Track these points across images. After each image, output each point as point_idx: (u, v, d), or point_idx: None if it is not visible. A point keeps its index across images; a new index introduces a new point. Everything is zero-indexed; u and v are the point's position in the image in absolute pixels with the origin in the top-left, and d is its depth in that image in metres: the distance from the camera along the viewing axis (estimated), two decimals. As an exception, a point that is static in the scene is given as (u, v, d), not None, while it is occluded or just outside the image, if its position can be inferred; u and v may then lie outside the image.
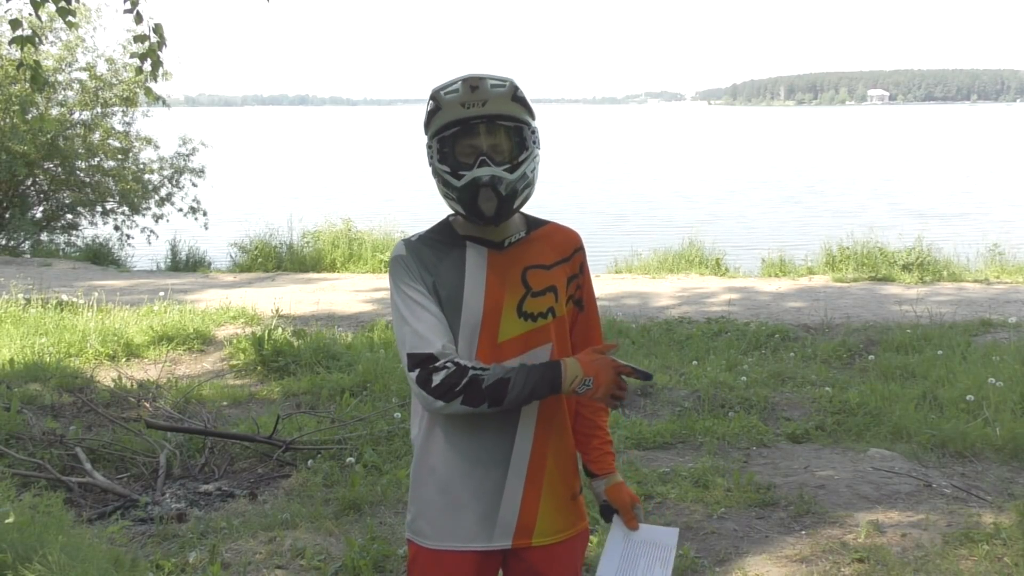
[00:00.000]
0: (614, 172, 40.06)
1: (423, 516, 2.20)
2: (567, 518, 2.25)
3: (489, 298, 2.14)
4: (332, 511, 4.62)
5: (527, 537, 2.20)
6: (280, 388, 6.92)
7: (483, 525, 2.17)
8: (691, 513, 4.52)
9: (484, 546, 2.18)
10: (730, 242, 15.93)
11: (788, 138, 78.31)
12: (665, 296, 10.78)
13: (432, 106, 2.12)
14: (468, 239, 2.19)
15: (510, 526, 2.19)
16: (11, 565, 3.51)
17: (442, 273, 2.14)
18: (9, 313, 8.72)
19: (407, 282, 2.13)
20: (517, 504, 2.18)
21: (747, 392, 6.48)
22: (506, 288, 2.16)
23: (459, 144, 2.12)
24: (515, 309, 2.16)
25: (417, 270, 2.14)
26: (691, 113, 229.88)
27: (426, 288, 2.12)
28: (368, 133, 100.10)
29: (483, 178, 2.08)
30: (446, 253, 2.17)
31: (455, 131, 2.11)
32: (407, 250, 2.17)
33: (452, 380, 2.03)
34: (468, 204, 2.11)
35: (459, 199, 2.12)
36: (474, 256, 2.17)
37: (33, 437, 5.58)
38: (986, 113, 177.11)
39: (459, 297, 2.13)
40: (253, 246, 14.60)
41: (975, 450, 5.37)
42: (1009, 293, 10.47)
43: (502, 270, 2.17)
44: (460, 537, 2.17)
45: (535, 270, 2.20)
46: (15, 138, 16.43)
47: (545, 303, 2.19)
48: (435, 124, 2.14)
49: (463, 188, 2.10)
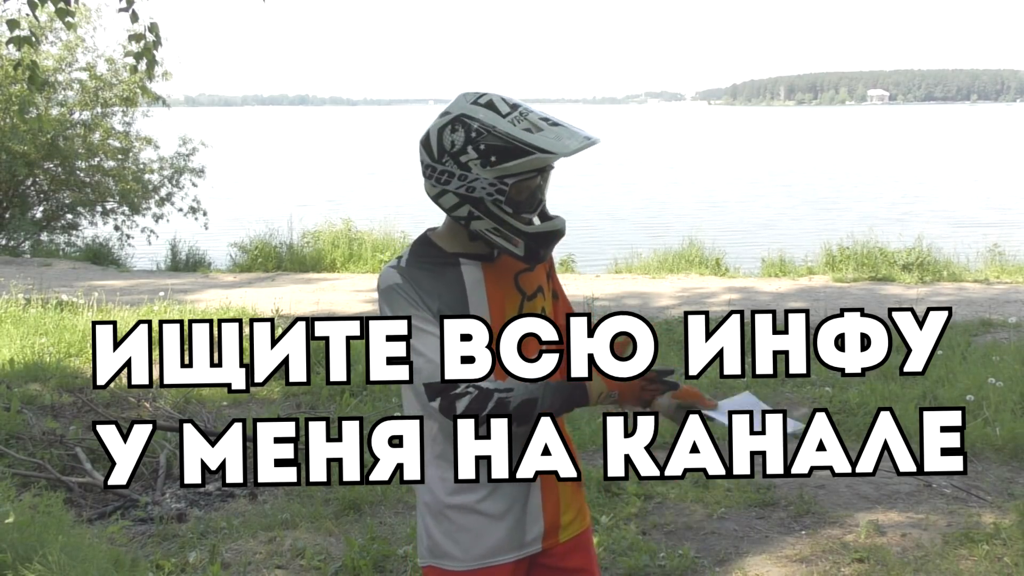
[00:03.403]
0: (614, 172, 40.07)
1: (450, 539, 2.15)
2: (580, 508, 2.29)
3: (494, 311, 2.13)
4: (332, 511, 4.62)
5: (555, 537, 2.21)
6: (280, 388, 6.92)
7: (513, 535, 2.16)
8: (691, 513, 4.52)
9: (517, 555, 2.17)
10: (730, 242, 15.93)
11: (788, 138, 78.30)
12: (665, 296, 10.78)
13: (509, 144, 2.00)
14: (459, 256, 2.14)
15: (539, 529, 2.19)
16: (11, 565, 3.51)
17: (444, 295, 2.09)
18: (9, 313, 8.72)
19: (406, 309, 2.07)
20: (540, 507, 2.19)
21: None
22: (506, 298, 2.16)
23: (518, 187, 2.05)
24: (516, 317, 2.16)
25: (418, 297, 2.07)
26: (691, 113, 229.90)
27: (430, 314, 2.06)
28: (368, 133, 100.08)
29: (563, 230, 2.11)
30: (441, 274, 2.11)
31: (533, 175, 2.05)
32: (402, 278, 2.09)
33: (478, 405, 2.00)
34: (534, 250, 2.09)
35: (527, 244, 2.07)
36: (470, 273, 2.13)
37: (33, 437, 5.58)
38: (986, 113, 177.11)
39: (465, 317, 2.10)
40: (253, 246, 14.59)
41: (975, 450, 5.37)
42: (1009, 293, 10.48)
43: (498, 281, 2.16)
44: (493, 552, 2.15)
45: (524, 273, 2.20)
46: (15, 138, 16.42)
47: (539, 304, 2.21)
48: (510, 167, 2.01)
49: (540, 236, 2.08)
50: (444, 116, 2.06)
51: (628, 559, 4.00)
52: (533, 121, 2.01)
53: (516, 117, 2.01)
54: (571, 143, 1.99)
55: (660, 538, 4.26)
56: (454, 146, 2.03)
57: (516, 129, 2.00)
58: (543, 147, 1.98)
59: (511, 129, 2.00)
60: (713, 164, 45.90)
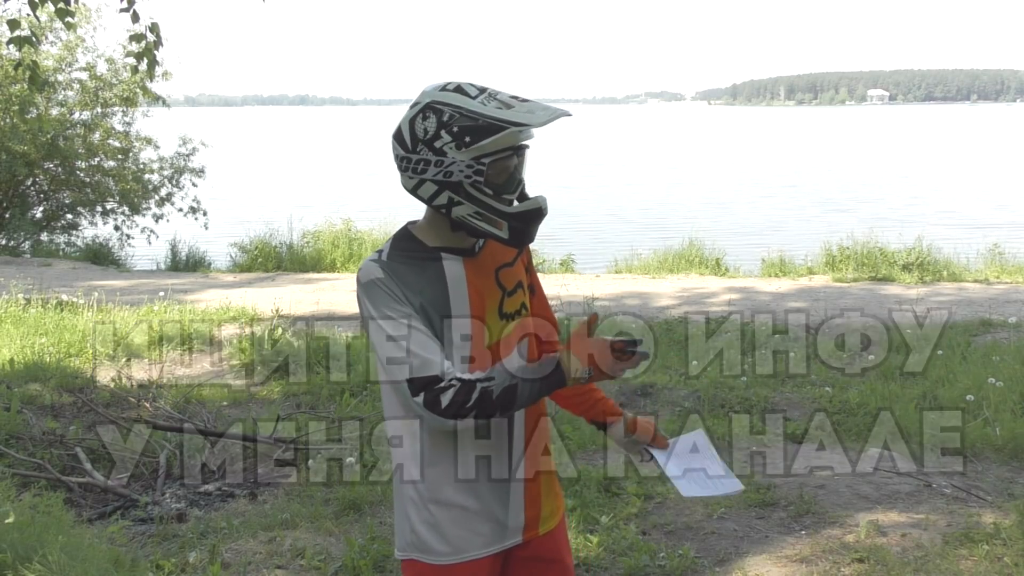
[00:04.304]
0: (614, 172, 40.06)
1: (434, 533, 2.16)
2: (557, 498, 2.33)
3: (474, 307, 2.13)
4: (332, 511, 4.62)
5: (535, 529, 2.24)
6: (280, 388, 6.92)
7: (496, 528, 2.18)
8: (691, 513, 4.52)
9: (499, 548, 2.19)
10: (730, 242, 15.93)
11: (788, 138, 78.30)
12: (665, 296, 10.78)
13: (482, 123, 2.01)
14: (440, 250, 2.13)
15: (519, 522, 2.21)
16: (11, 565, 3.51)
17: (426, 290, 2.09)
18: (9, 313, 8.72)
19: (391, 306, 2.06)
20: (521, 501, 2.21)
21: (747, 392, 6.48)
22: (486, 293, 2.16)
23: (495, 167, 2.04)
24: (496, 312, 2.17)
25: (400, 292, 2.07)
26: (691, 113, 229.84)
27: (412, 308, 2.06)
28: (368, 133, 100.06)
29: (545, 207, 2.08)
30: (423, 269, 2.11)
31: (508, 154, 2.05)
32: (383, 272, 2.08)
33: (461, 397, 2.01)
34: (519, 231, 2.07)
35: (511, 225, 2.07)
36: (452, 267, 2.13)
37: (33, 437, 5.58)
38: (986, 113, 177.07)
39: (447, 312, 2.11)
40: (253, 246, 14.60)
41: (975, 450, 5.37)
42: (1009, 293, 10.47)
43: (479, 276, 2.16)
44: (476, 545, 2.16)
45: (505, 268, 2.21)
46: (15, 138, 16.42)
47: (519, 300, 2.23)
48: (485, 145, 2.01)
49: (522, 215, 2.07)
50: (414, 107, 2.07)
51: (628, 559, 4.00)
52: (503, 100, 2.03)
53: (485, 98, 2.02)
54: (542, 115, 2.00)
55: (660, 538, 4.26)
56: (427, 133, 2.03)
57: (487, 108, 2.01)
58: (515, 120, 1.99)
59: (482, 108, 2.01)
60: (713, 164, 45.88)
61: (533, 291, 2.33)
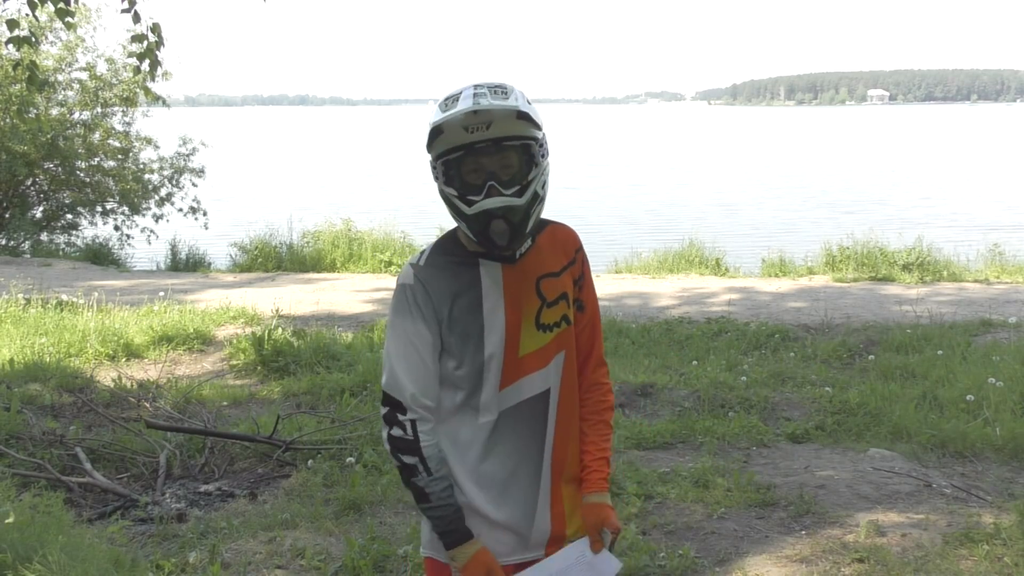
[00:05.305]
0: (615, 172, 40.07)
1: None
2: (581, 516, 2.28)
3: (510, 315, 2.10)
4: (332, 511, 4.62)
5: (558, 545, 2.22)
6: (280, 388, 6.92)
7: (519, 539, 2.18)
8: (691, 513, 4.52)
9: (520, 558, 2.18)
10: (730, 242, 15.92)
11: (788, 138, 78.29)
12: (665, 296, 10.77)
13: (433, 128, 2.01)
14: (479, 256, 2.12)
15: (544, 535, 2.20)
16: (11, 565, 3.51)
17: (459, 297, 2.08)
18: (9, 313, 8.72)
19: (405, 318, 2.08)
20: (548, 514, 2.20)
21: (747, 392, 6.48)
22: (523, 302, 2.12)
23: (464, 165, 2.02)
24: (533, 322, 2.13)
25: (424, 301, 2.07)
26: (691, 113, 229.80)
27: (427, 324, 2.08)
28: (368, 133, 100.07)
29: (495, 210, 2.00)
30: (459, 275, 2.10)
31: (460, 155, 2.02)
32: (415, 279, 2.09)
33: (400, 445, 2.09)
34: (480, 233, 2.04)
35: (470, 227, 2.04)
36: (488, 273, 2.11)
37: (33, 437, 5.58)
38: (986, 113, 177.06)
39: (479, 319, 2.08)
40: (253, 246, 14.60)
41: (975, 450, 5.37)
42: (1009, 293, 10.47)
43: (517, 284, 2.12)
44: (498, 553, 2.15)
45: (547, 279, 2.16)
46: (15, 138, 16.42)
47: (559, 312, 2.16)
48: (438, 147, 2.04)
49: (473, 218, 2.02)
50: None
51: (628, 559, 4.00)
52: (458, 101, 2.01)
53: (448, 102, 2.03)
54: (456, 112, 1.98)
55: (660, 538, 4.26)
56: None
57: (437, 112, 2.03)
58: (435, 121, 2.01)
59: (435, 114, 2.04)
60: (714, 164, 45.87)
61: (582, 307, 2.24)
